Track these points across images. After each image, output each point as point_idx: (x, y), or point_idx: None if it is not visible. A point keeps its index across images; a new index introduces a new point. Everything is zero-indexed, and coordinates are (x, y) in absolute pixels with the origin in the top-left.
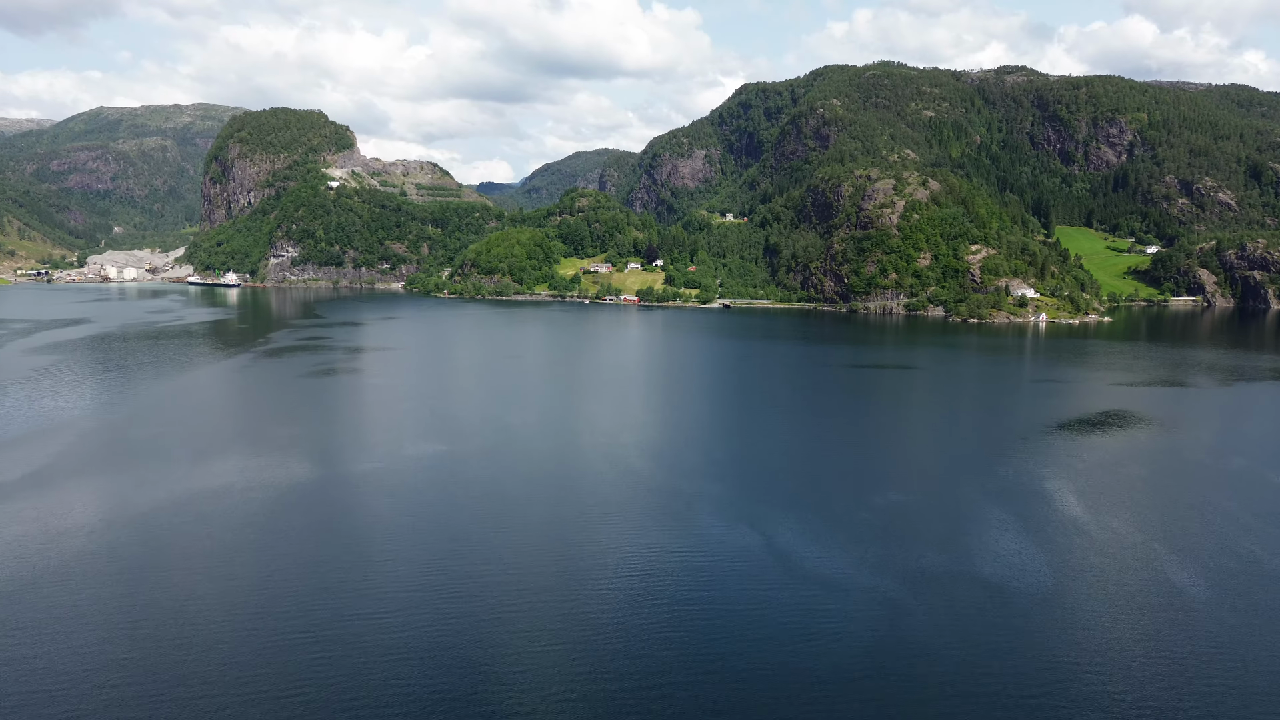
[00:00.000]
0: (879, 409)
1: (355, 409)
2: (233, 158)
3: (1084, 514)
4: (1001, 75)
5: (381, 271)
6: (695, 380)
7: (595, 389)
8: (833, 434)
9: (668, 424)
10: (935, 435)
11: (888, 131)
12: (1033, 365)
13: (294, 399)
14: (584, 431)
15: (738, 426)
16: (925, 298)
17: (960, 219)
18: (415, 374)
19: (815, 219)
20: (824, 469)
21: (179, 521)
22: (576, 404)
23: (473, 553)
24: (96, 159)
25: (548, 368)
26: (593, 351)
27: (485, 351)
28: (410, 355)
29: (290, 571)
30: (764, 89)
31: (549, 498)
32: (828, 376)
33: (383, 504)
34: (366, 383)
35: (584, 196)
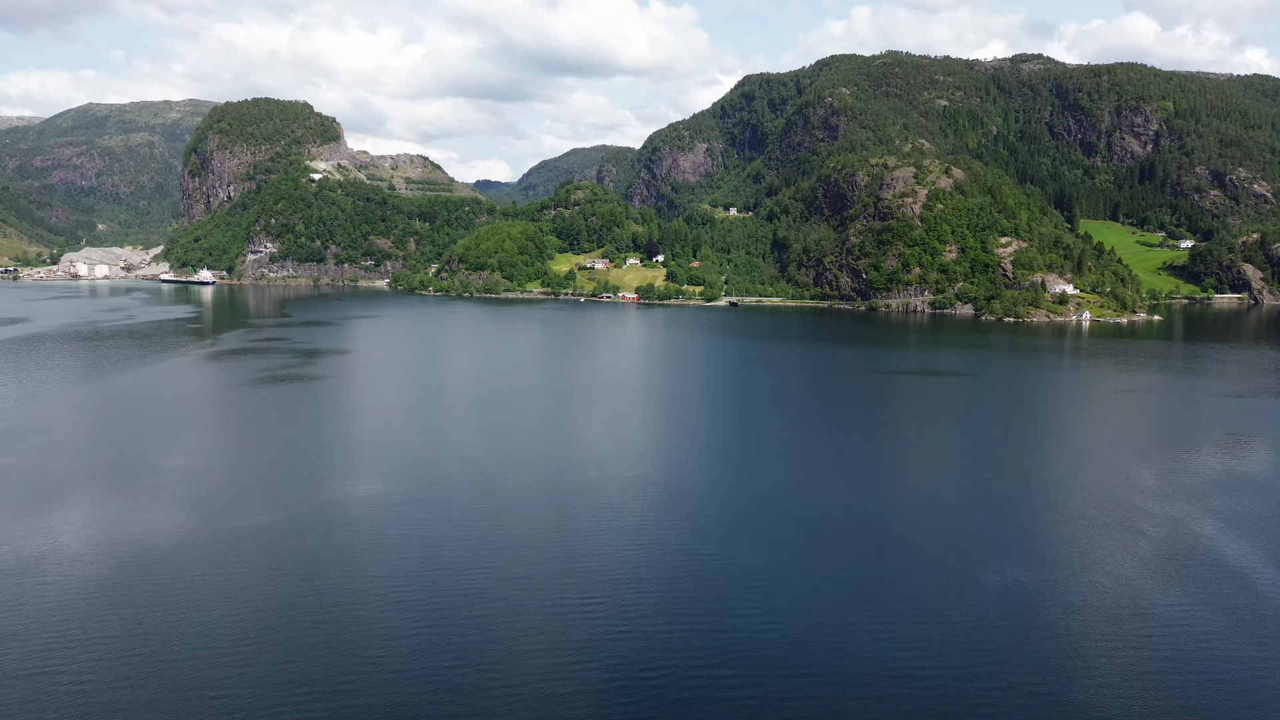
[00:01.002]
0: (946, 432)
1: (276, 432)
2: (212, 149)
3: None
4: (1017, 64)
5: (365, 268)
6: (705, 392)
7: (586, 403)
8: (898, 469)
9: (674, 453)
10: (1035, 470)
11: (900, 121)
12: (1102, 371)
13: (205, 416)
14: (570, 466)
15: (765, 459)
16: (953, 294)
17: (988, 209)
18: (367, 384)
19: (828, 211)
20: (895, 524)
21: None
22: (562, 425)
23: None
24: (81, 155)
25: (529, 375)
26: (586, 355)
27: (458, 355)
28: (370, 360)
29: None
30: (768, 80)
31: (506, 589)
32: (865, 386)
33: (251, 591)
34: (304, 396)
35: (580, 189)
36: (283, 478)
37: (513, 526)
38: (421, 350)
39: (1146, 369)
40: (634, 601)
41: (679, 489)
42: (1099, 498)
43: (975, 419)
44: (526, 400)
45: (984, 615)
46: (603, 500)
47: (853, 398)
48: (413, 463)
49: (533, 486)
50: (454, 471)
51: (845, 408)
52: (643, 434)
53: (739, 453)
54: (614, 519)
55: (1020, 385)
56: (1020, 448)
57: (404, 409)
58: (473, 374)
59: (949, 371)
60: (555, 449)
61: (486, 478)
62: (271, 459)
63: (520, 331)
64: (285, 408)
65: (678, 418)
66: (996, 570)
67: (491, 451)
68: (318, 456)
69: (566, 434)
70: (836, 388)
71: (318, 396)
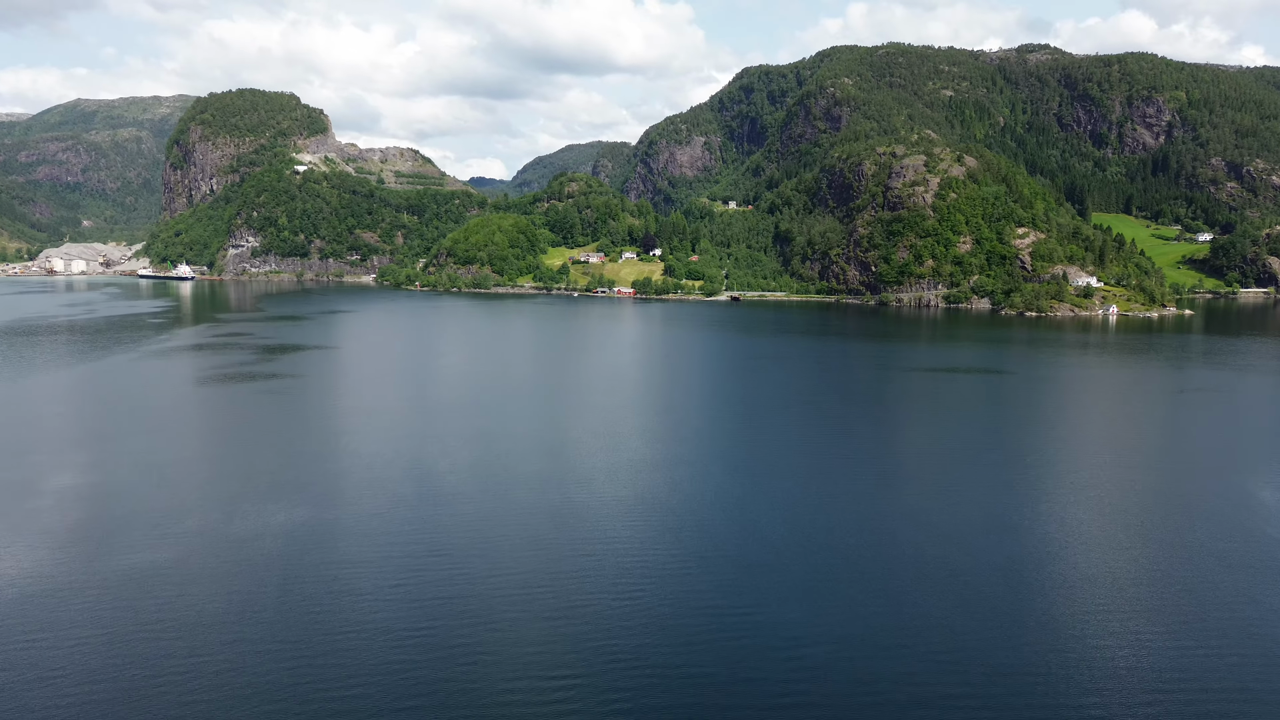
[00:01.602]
0: (1003, 440)
1: (203, 442)
2: (194, 141)
3: None
4: (1024, 54)
5: (351, 263)
6: (710, 393)
7: (578, 408)
8: (955, 484)
9: (676, 467)
10: (1126, 489)
11: (905, 111)
12: (1157, 368)
13: (122, 422)
14: (556, 485)
15: (784, 472)
16: (968, 287)
17: (1003, 199)
18: (327, 385)
19: (833, 202)
20: (958, 557)
21: None
22: (549, 435)
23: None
24: (67, 150)
25: (514, 375)
26: (578, 353)
27: (436, 352)
28: (337, 358)
29: None
30: (767, 72)
31: (471, 660)
32: (895, 385)
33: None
34: (252, 398)
35: (574, 181)
36: (188, 502)
37: (473, 579)
38: (396, 347)
39: (1203, 365)
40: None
41: (685, 516)
42: (1222, 527)
43: (1035, 423)
44: (509, 405)
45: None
46: (592, 532)
47: (884, 399)
48: (364, 482)
49: (508, 514)
50: (409, 495)
51: (877, 410)
52: (640, 443)
53: (752, 464)
54: (603, 559)
55: (1075, 383)
56: (1097, 459)
57: (364, 413)
58: (450, 374)
59: (986, 368)
60: (540, 464)
61: (453, 501)
62: (187, 476)
63: (508, 327)
64: (222, 413)
65: (679, 424)
66: (1114, 632)
67: (463, 467)
68: (247, 474)
69: (553, 445)
70: (861, 387)
71: (268, 399)
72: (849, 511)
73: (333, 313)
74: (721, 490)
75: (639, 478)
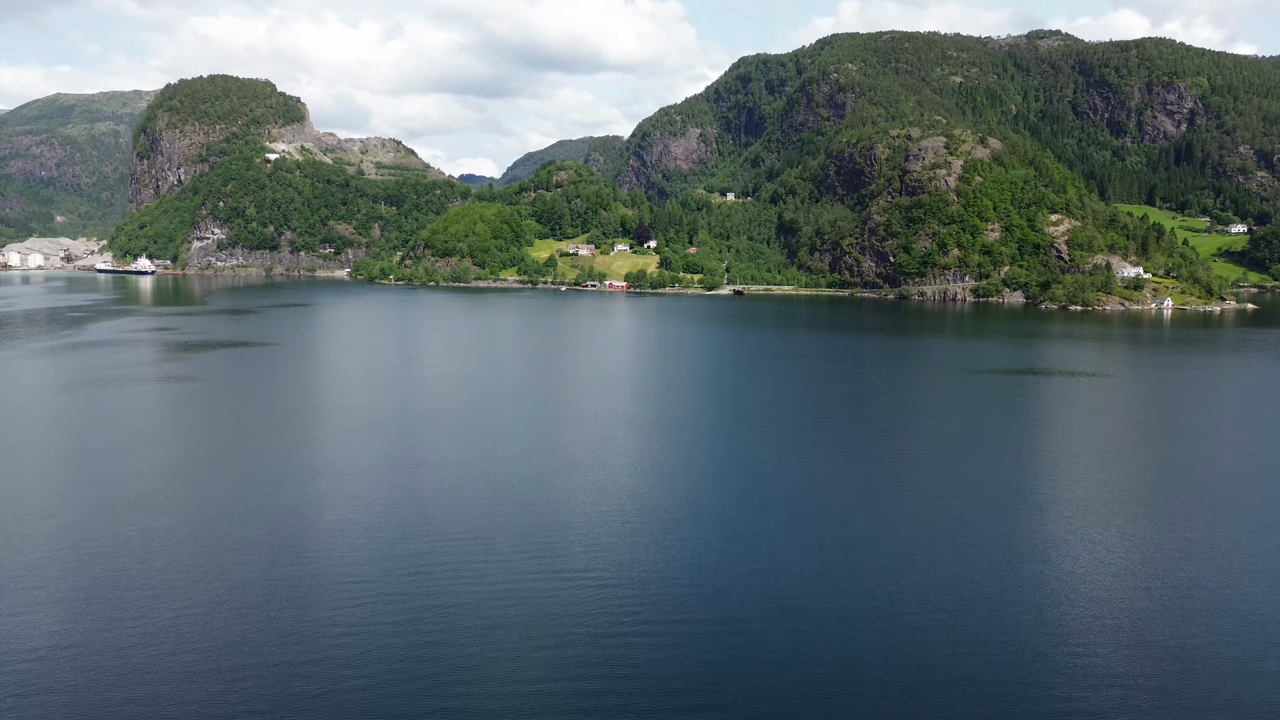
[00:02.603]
0: (1152, 460)
1: (40, 458)
2: (161, 129)
3: None
4: (1034, 40)
5: (324, 256)
6: (721, 400)
7: (561, 420)
8: (1095, 524)
9: (687, 507)
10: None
11: (913, 98)
12: (1273, 370)
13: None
14: (533, 532)
15: (829, 510)
16: (999, 279)
17: (1033, 183)
18: (243, 388)
19: (841, 189)
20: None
21: None
22: (524, 460)
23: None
24: (40, 144)
25: (484, 380)
26: (564, 352)
27: (394, 350)
28: (260, 359)
29: None
30: (765, 61)
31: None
32: (961, 389)
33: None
34: (138, 403)
35: (563, 169)
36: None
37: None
38: (341, 344)
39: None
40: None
41: (698, 574)
42: None
43: (1194, 444)
44: (476, 419)
45: None
46: (581, 596)
47: (954, 406)
48: (246, 525)
49: (466, 571)
50: (317, 553)
51: (953, 422)
52: (636, 469)
53: (782, 497)
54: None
55: (1200, 395)
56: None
57: (283, 425)
58: (405, 376)
59: (1067, 370)
60: (510, 502)
61: (387, 557)
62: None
63: (483, 322)
64: (89, 421)
65: (685, 442)
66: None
67: (404, 507)
68: (85, 501)
69: (530, 474)
70: (920, 393)
71: (160, 404)
72: (929, 569)
73: (286, 306)
74: (743, 538)
75: (638, 532)
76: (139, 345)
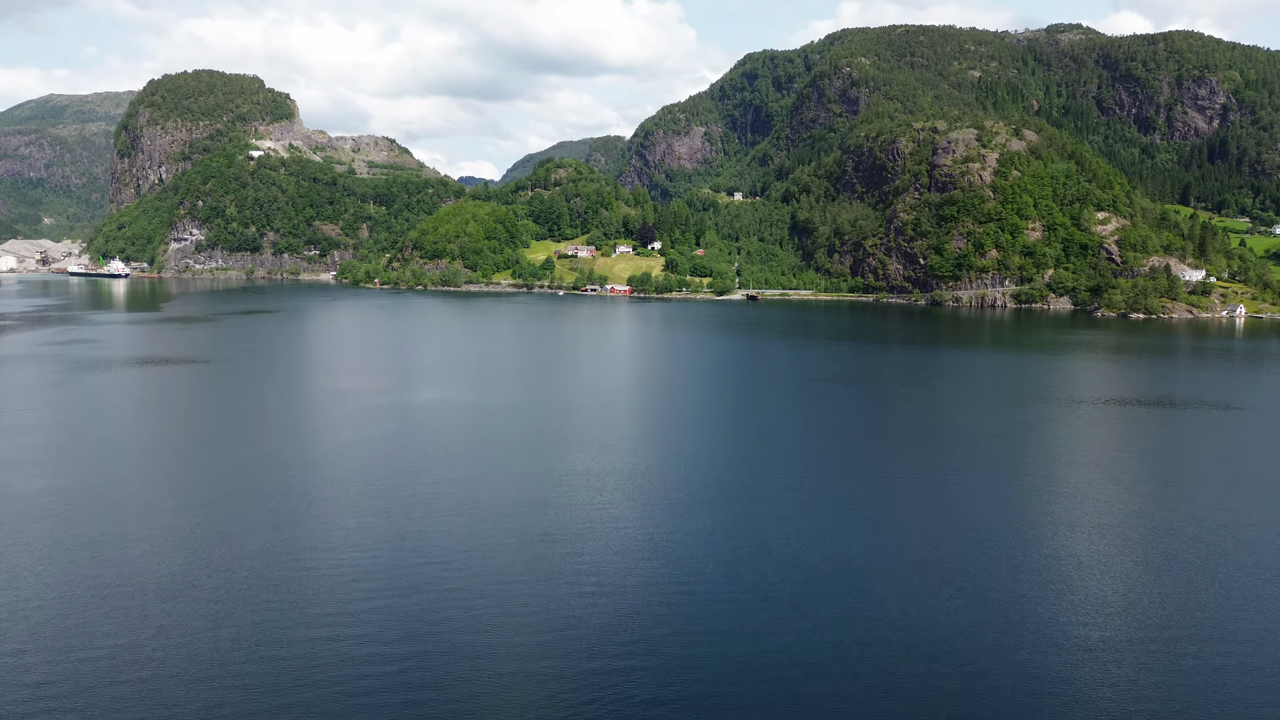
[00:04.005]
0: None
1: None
2: (142, 125)
3: None
4: (1054, 34)
5: (309, 258)
6: (757, 436)
7: (557, 467)
8: None
9: (716, 576)
10: None
11: (930, 93)
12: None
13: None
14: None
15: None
16: (1043, 283)
17: (1075, 177)
18: (143, 418)
19: (861, 186)
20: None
21: None
22: (507, 520)
23: None
24: (29, 145)
25: (463, 406)
26: (560, 369)
27: (334, 369)
28: (184, 381)
29: None
30: (772, 57)
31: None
32: (1067, 425)
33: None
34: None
35: (561, 167)
36: None
37: None
38: (293, 361)
39: None
40: None
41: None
42: None
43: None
44: (444, 463)
45: None
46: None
47: (1081, 456)
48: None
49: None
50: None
51: (1099, 484)
52: (649, 525)
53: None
54: None
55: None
56: None
57: (203, 465)
58: (339, 412)
59: (1199, 401)
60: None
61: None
62: None
63: (468, 334)
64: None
65: (713, 491)
66: None
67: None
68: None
69: (513, 541)
70: (1022, 430)
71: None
72: None
73: (249, 314)
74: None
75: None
76: (25, 363)
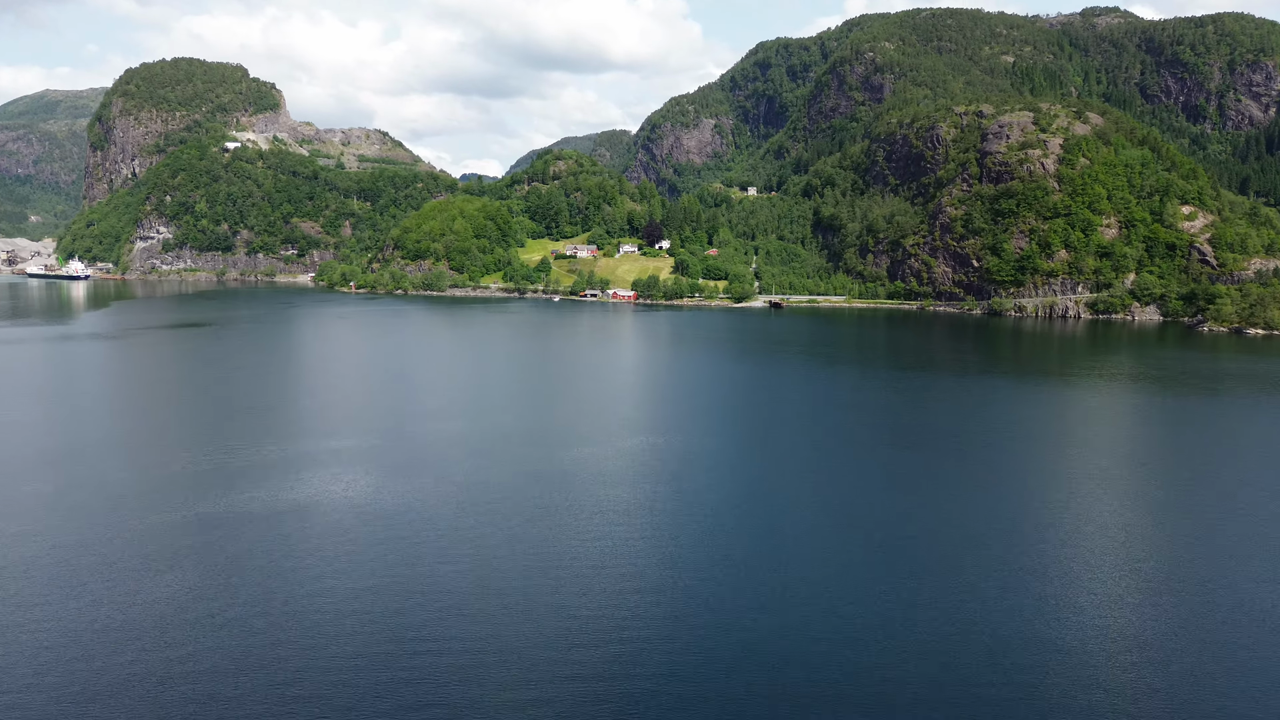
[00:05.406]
0: None
1: None
2: (114, 116)
3: None
4: (1089, 18)
5: (286, 259)
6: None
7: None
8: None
9: None
10: None
11: (961, 79)
12: None
13: None
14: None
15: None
16: (1124, 289)
17: (1153, 166)
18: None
19: (895, 178)
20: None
21: None
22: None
23: None
24: (17, 140)
25: (410, 468)
26: (547, 405)
27: (283, 400)
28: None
29: None
30: (786, 45)
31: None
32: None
33: None
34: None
35: (561, 159)
36: None
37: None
38: (213, 389)
39: None
40: None
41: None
42: None
43: None
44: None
45: None
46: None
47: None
48: None
49: None
50: None
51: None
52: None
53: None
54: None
55: None
56: None
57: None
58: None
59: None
60: None
61: None
62: None
63: (436, 353)
64: None
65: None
66: None
67: None
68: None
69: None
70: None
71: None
72: None
73: (176, 328)
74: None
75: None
76: None
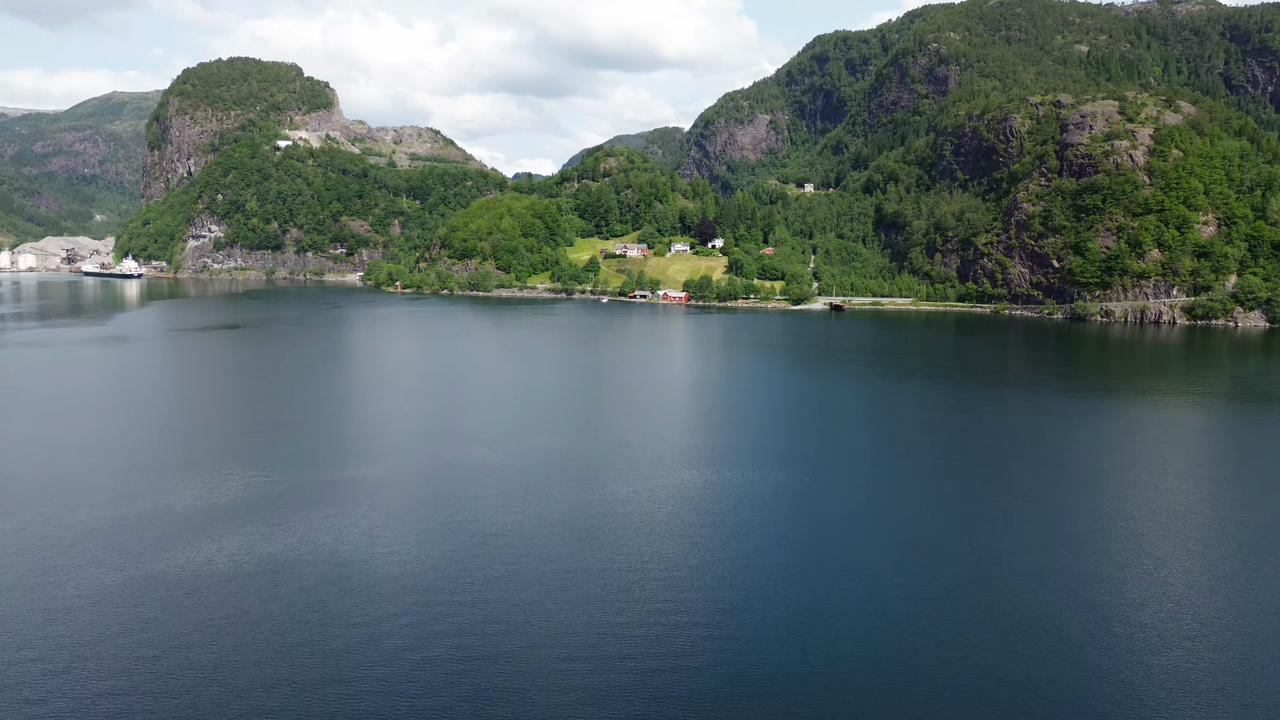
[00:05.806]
0: None
1: None
2: (171, 115)
3: None
4: (1168, 5)
5: (334, 257)
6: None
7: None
8: None
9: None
10: None
11: (1032, 69)
12: None
13: None
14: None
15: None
16: (1226, 292)
17: (1253, 158)
18: None
19: (964, 173)
20: None
21: None
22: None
23: None
24: (84, 141)
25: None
26: (585, 430)
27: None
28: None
29: None
30: (844, 38)
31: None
32: None
33: None
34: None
35: (612, 156)
36: None
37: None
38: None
39: None
40: None
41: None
42: None
43: None
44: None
45: None
46: None
47: None
48: None
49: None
50: None
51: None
52: None
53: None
54: None
55: None
56: None
57: None
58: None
59: None
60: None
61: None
62: None
63: (477, 362)
64: None
65: None
66: None
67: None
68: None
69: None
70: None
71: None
72: None
73: (210, 330)
74: None
75: None
76: None
